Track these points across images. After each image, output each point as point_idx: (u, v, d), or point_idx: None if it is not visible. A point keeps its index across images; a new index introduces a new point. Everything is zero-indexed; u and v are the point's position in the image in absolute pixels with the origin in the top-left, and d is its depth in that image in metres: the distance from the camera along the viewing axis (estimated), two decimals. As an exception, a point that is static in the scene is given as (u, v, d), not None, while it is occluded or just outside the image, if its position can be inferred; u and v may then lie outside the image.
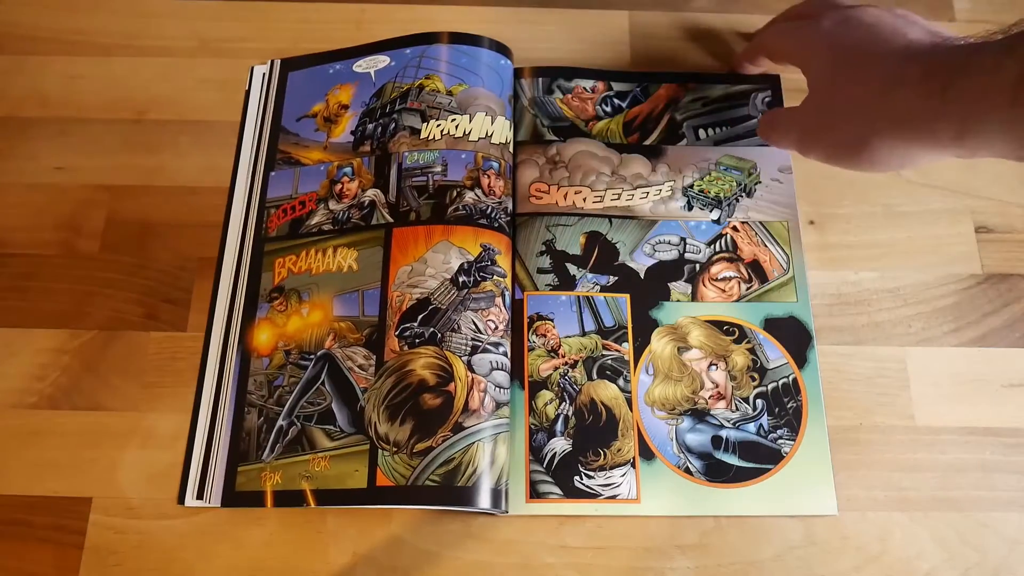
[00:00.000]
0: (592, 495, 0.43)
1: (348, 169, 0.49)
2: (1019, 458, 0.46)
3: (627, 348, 0.47)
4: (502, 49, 0.52)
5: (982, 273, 0.50)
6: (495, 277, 0.46)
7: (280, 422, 0.44)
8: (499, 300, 0.46)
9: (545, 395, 0.45)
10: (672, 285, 0.48)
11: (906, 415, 0.46)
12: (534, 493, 0.43)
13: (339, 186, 0.49)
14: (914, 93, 0.36)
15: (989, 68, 0.33)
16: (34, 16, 0.55)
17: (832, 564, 0.43)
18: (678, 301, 0.48)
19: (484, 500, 0.41)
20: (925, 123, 0.36)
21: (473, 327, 0.44)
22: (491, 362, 0.44)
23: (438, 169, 0.48)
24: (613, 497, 0.43)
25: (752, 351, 0.47)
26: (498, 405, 0.44)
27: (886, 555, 0.44)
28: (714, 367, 0.46)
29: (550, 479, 0.44)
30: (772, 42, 0.49)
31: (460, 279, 0.45)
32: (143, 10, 0.56)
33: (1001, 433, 0.46)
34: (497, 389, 0.44)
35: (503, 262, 0.47)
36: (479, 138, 0.49)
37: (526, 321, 0.47)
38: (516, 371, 0.46)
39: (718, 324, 0.48)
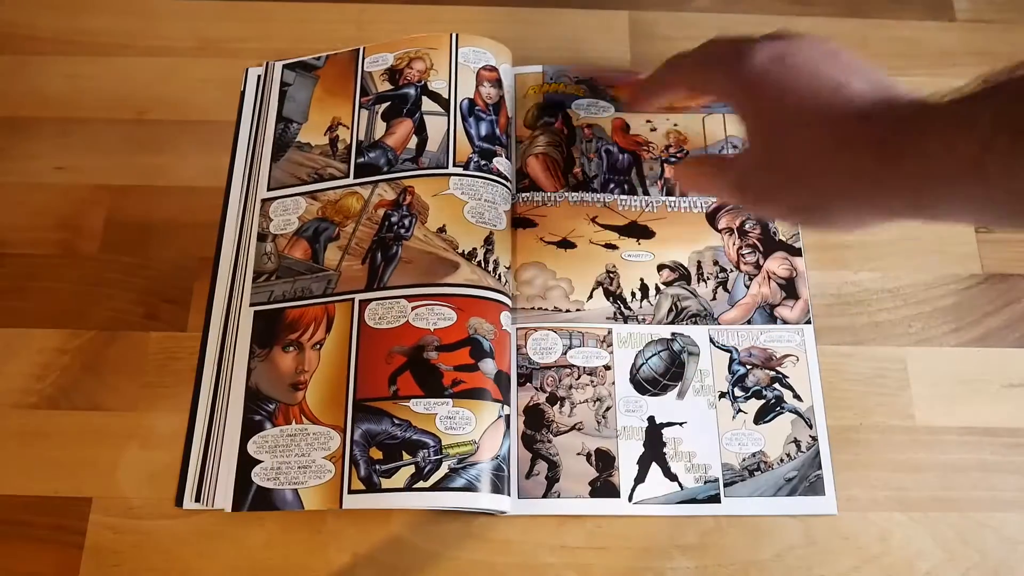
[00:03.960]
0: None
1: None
2: (1019, 458, 0.46)
3: None
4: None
5: (982, 273, 0.50)
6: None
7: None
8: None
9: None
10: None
11: (906, 415, 0.46)
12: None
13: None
14: (868, 159, 0.33)
15: (948, 134, 0.30)
16: (34, 16, 0.55)
17: (832, 564, 0.43)
18: None
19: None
20: (879, 191, 0.33)
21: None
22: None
23: None
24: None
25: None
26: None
27: (886, 555, 0.44)
28: None
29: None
30: (694, 72, 0.43)
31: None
32: (143, 10, 0.56)
33: (1001, 433, 0.46)
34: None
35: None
36: None
37: None
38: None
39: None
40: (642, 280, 0.48)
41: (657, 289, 0.48)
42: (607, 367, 0.46)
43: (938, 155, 0.30)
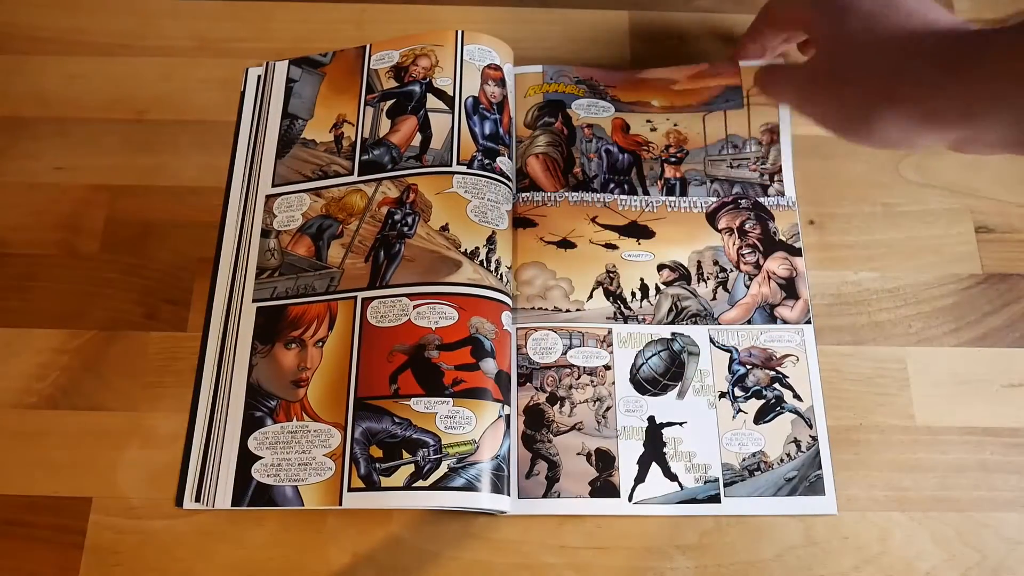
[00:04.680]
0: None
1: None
2: (1019, 458, 0.46)
3: None
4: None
5: (982, 273, 0.50)
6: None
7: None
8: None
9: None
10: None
11: (906, 415, 0.47)
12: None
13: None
14: (926, 65, 0.35)
15: (1005, 49, 0.32)
16: (34, 16, 0.55)
17: (832, 564, 0.43)
18: None
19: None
20: (933, 97, 0.35)
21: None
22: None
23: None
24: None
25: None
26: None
27: (886, 555, 0.44)
28: None
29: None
30: (779, 6, 0.47)
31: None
32: (143, 10, 0.56)
33: (1001, 433, 0.46)
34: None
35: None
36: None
37: None
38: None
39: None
40: (642, 280, 0.48)
41: (657, 289, 0.48)
42: (607, 367, 0.46)
43: (993, 63, 0.33)
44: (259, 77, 0.53)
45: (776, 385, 0.46)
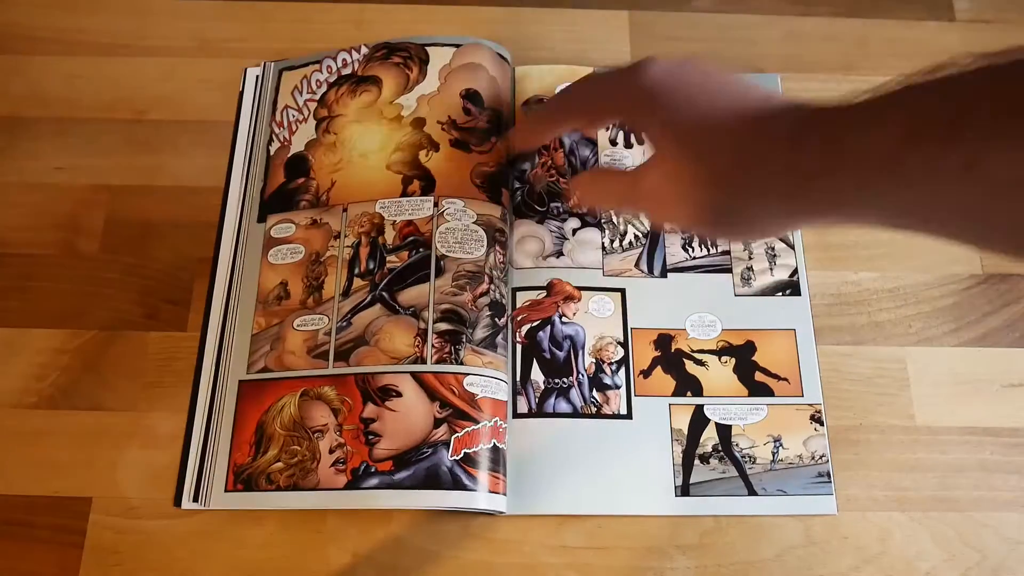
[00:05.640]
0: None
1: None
2: (1019, 458, 0.46)
3: None
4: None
5: (982, 273, 0.50)
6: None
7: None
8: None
9: None
10: None
11: (906, 415, 0.46)
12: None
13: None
14: (785, 150, 0.31)
15: (869, 124, 0.28)
16: (34, 16, 0.55)
17: (832, 564, 0.43)
18: None
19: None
20: (799, 183, 0.31)
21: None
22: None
23: None
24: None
25: None
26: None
27: (886, 555, 0.44)
28: None
29: None
30: (584, 100, 0.42)
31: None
32: (143, 10, 0.56)
33: (1001, 433, 0.46)
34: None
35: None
36: None
37: None
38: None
39: None
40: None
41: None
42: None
43: (853, 149, 0.28)
44: (257, 77, 0.53)
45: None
